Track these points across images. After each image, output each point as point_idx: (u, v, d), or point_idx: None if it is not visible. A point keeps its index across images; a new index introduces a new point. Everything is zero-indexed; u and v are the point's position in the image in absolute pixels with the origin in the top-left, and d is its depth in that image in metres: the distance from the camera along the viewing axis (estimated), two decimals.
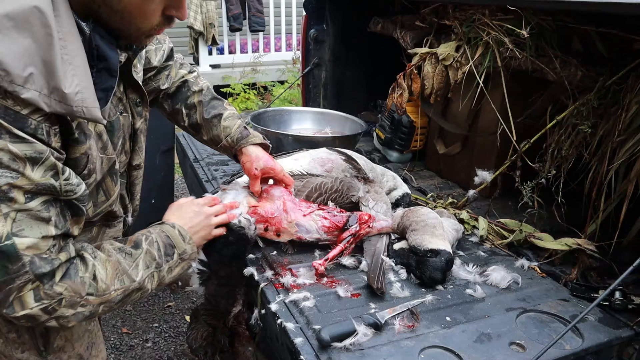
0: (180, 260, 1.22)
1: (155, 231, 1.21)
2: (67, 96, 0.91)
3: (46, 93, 0.88)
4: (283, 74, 6.66)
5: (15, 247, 0.91)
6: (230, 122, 1.57)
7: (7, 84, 0.85)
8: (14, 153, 0.87)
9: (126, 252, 1.12)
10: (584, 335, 1.18)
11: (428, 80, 1.93)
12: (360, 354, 1.09)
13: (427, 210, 1.50)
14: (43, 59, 0.87)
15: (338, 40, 2.74)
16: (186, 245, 1.23)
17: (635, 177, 1.40)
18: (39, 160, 0.91)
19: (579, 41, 1.73)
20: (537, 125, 1.70)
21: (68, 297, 0.99)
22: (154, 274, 1.15)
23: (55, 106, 0.90)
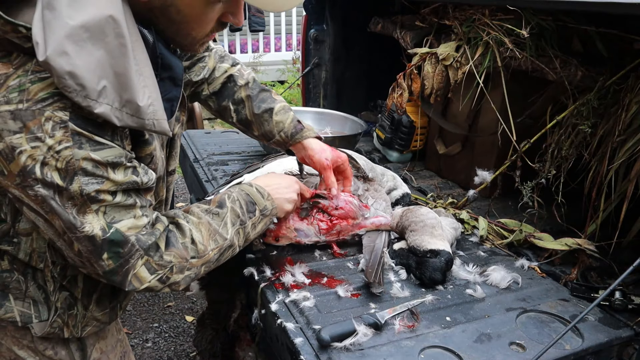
0: (262, 216, 1.24)
1: (236, 190, 1.23)
2: (141, 109, 0.91)
3: (117, 107, 0.88)
4: (283, 74, 6.66)
5: (120, 232, 0.96)
6: (283, 116, 1.51)
7: (82, 98, 0.84)
8: (96, 160, 0.90)
9: (213, 212, 1.15)
10: (584, 335, 1.18)
11: (428, 80, 1.93)
12: (360, 354, 1.09)
13: (426, 210, 1.49)
14: (115, 71, 0.86)
15: (338, 40, 2.74)
16: (266, 202, 1.25)
17: (635, 177, 1.40)
18: (120, 164, 0.94)
19: (579, 41, 1.73)
20: (537, 125, 1.70)
21: (177, 263, 1.04)
22: (240, 231, 1.18)
23: (126, 120, 0.90)
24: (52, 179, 0.88)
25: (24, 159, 0.86)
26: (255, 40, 6.93)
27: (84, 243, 0.94)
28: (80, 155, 0.88)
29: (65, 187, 0.89)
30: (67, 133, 0.86)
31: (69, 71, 0.82)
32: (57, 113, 0.85)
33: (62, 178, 0.89)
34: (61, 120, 0.86)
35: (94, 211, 0.93)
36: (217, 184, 1.91)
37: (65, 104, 0.86)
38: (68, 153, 0.87)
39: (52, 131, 0.85)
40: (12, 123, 0.85)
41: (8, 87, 0.85)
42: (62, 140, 0.86)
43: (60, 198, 0.90)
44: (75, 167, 0.88)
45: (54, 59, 0.81)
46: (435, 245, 1.37)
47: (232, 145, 2.46)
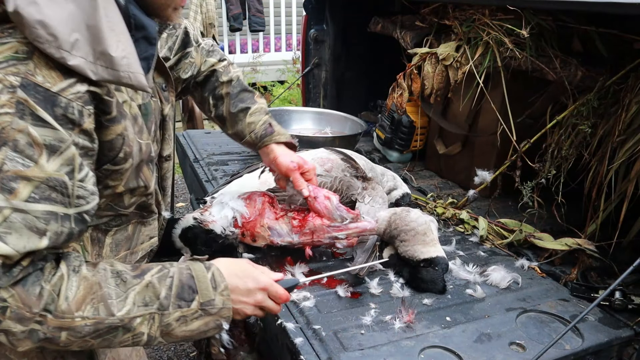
0: (202, 312, 0.94)
1: (178, 266, 0.97)
2: (115, 60, 0.87)
3: (92, 60, 0.85)
4: (283, 74, 6.66)
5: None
6: (256, 117, 1.48)
7: (55, 49, 0.81)
8: (33, 137, 0.80)
9: (122, 278, 0.90)
10: (584, 335, 1.18)
11: (428, 80, 1.93)
12: (360, 353, 1.09)
13: (414, 215, 1.40)
14: (87, 25, 0.84)
15: (338, 40, 2.74)
16: (216, 296, 0.95)
17: (635, 177, 1.40)
18: (57, 149, 0.83)
19: (579, 41, 1.73)
20: (537, 125, 1.70)
21: (14, 306, 0.81)
22: (155, 317, 0.90)
23: (102, 72, 0.86)
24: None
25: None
26: (255, 40, 6.93)
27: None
28: (19, 125, 0.80)
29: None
30: (13, 99, 0.80)
31: (39, 20, 0.79)
32: (8, 77, 0.80)
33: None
34: (10, 84, 0.80)
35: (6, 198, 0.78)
36: (217, 184, 1.91)
37: (19, 69, 0.81)
38: (5, 119, 0.79)
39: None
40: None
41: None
42: (5, 105, 0.79)
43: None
44: (7, 137, 0.79)
45: (23, 8, 0.79)
46: (429, 253, 1.33)
47: (232, 145, 2.46)
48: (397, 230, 1.38)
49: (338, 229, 1.36)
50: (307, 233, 1.38)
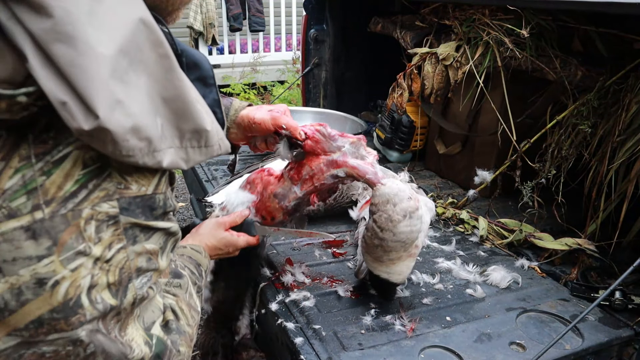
0: (205, 276, 1.05)
1: (177, 255, 1.00)
2: (210, 136, 0.66)
3: (178, 144, 0.63)
4: (283, 74, 6.65)
5: (161, 339, 0.70)
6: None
7: (150, 156, 0.59)
8: (151, 251, 0.66)
9: (174, 285, 0.85)
10: (584, 335, 1.18)
11: (428, 80, 1.93)
12: (360, 353, 1.09)
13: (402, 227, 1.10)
14: (164, 97, 0.60)
15: (338, 40, 2.74)
16: (205, 259, 1.07)
17: (635, 177, 1.40)
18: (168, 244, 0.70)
19: (579, 41, 1.73)
20: (537, 125, 1.70)
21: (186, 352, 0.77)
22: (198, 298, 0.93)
23: (194, 157, 0.66)
24: (102, 304, 0.61)
25: (63, 292, 0.57)
26: (255, 40, 6.93)
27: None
28: (136, 251, 0.63)
29: (119, 304, 0.62)
30: (118, 230, 0.61)
31: (131, 127, 0.55)
32: (100, 207, 0.59)
33: (115, 294, 0.62)
34: (108, 216, 0.60)
35: (134, 319, 0.66)
36: (217, 184, 1.91)
37: (106, 189, 0.59)
38: (121, 257, 0.62)
39: (97, 235, 0.59)
40: (31, 245, 0.56)
41: (3, 191, 0.56)
42: (113, 242, 0.61)
43: (105, 323, 0.62)
44: (131, 271, 0.63)
45: (110, 118, 0.53)
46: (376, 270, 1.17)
47: None
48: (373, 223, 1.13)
49: (335, 164, 1.18)
50: (307, 179, 1.21)
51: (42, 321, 0.58)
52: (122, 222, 0.61)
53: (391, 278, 1.15)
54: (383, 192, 1.12)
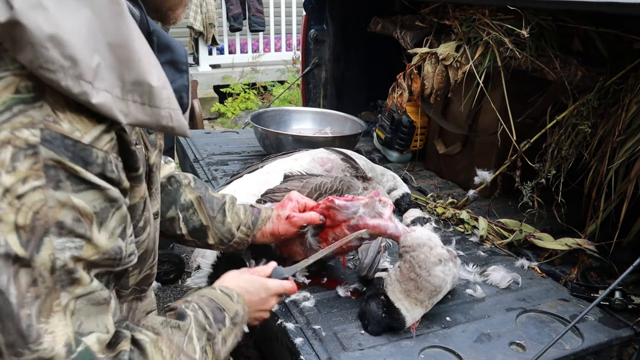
0: (232, 325, 0.90)
1: (195, 296, 0.90)
2: (155, 92, 0.62)
3: (119, 94, 0.59)
4: (283, 74, 6.65)
5: (91, 352, 0.61)
6: (235, 208, 1.22)
7: (73, 81, 0.55)
8: (80, 209, 0.58)
9: (171, 325, 0.79)
10: (584, 335, 1.18)
11: (428, 80, 1.93)
12: (360, 354, 1.09)
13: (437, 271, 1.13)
14: (110, 42, 0.58)
15: (338, 40, 2.74)
16: (236, 305, 0.93)
17: (635, 177, 1.40)
18: (108, 215, 0.62)
19: (579, 41, 1.73)
20: (537, 125, 1.70)
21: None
22: (207, 350, 0.83)
23: (135, 113, 0.61)
24: (5, 248, 0.54)
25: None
26: (255, 40, 6.93)
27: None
28: (58, 199, 0.56)
29: (29, 258, 0.55)
30: (38, 164, 0.55)
31: (51, 34, 0.53)
32: (20, 133, 0.55)
33: (25, 243, 0.55)
34: (27, 143, 0.55)
35: (62, 308, 0.58)
36: (217, 184, 1.91)
37: (32, 117, 0.55)
38: (37, 197, 0.55)
39: (11, 162, 0.54)
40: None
41: None
42: (29, 177, 0.55)
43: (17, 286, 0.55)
44: (48, 221, 0.56)
45: (27, 15, 0.51)
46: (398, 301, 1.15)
47: (232, 145, 2.46)
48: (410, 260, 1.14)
49: (357, 228, 1.21)
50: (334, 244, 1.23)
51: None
52: (43, 155, 0.55)
53: (407, 318, 1.14)
54: (414, 236, 1.16)
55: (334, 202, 1.22)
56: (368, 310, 1.16)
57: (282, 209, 1.23)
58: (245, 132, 2.70)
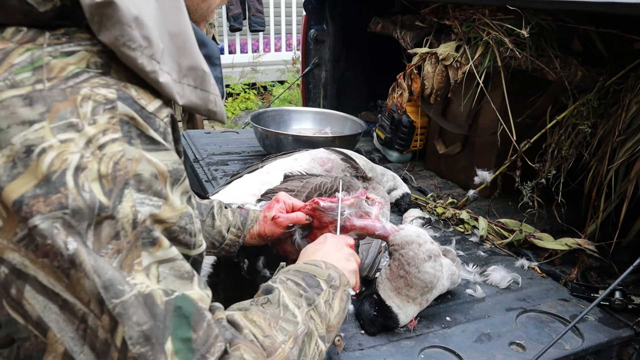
0: (332, 289, 0.87)
1: (280, 274, 0.88)
2: (207, 78, 0.69)
3: (176, 78, 0.65)
4: (283, 74, 6.66)
5: (192, 300, 0.60)
6: (224, 212, 1.24)
7: (147, 59, 0.61)
8: (155, 165, 0.60)
9: (260, 302, 0.77)
10: (584, 335, 1.18)
11: (428, 80, 1.93)
12: (360, 354, 1.09)
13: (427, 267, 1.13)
14: (169, 31, 0.65)
15: (338, 40, 2.74)
16: (327, 270, 0.90)
17: (635, 177, 1.40)
18: (180, 177, 0.64)
19: (579, 41, 1.73)
20: (537, 125, 1.70)
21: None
22: (312, 314, 0.80)
23: (189, 95, 0.67)
24: (90, 195, 0.55)
25: (49, 161, 0.54)
26: (255, 40, 6.93)
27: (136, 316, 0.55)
28: (133, 153, 0.58)
29: (111, 208, 0.56)
30: (115, 119, 0.58)
31: (136, 16, 0.59)
32: (99, 90, 0.59)
33: (107, 193, 0.56)
34: (106, 99, 0.58)
35: (143, 269, 0.57)
36: (217, 184, 1.91)
37: (106, 80, 0.60)
38: (117, 148, 0.57)
39: (92, 116, 0.57)
40: (26, 111, 0.55)
41: (11, 65, 0.58)
42: (107, 130, 0.57)
43: (97, 236, 0.55)
44: (128, 172, 0.57)
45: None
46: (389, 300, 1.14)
47: (232, 145, 2.46)
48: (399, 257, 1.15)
49: (345, 230, 1.20)
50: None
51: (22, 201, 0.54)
52: (120, 110, 0.59)
53: (399, 315, 1.14)
54: (402, 234, 1.15)
55: (319, 204, 1.20)
56: (362, 310, 1.17)
57: (268, 210, 1.22)
58: (245, 132, 2.70)
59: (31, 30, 0.61)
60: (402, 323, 1.15)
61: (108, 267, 0.55)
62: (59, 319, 0.56)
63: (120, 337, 0.55)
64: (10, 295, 0.56)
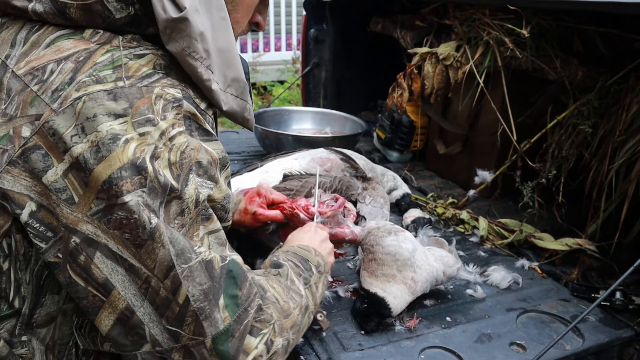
0: (319, 274, 0.99)
1: (280, 253, 0.99)
2: (246, 90, 0.80)
3: (222, 87, 0.76)
4: (283, 74, 6.65)
5: (239, 264, 0.74)
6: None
7: (205, 69, 0.73)
8: (210, 154, 0.73)
9: (272, 273, 0.89)
10: (585, 336, 1.17)
11: (428, 80, 1.93)
12: (360, 354, 1.08)
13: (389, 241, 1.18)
14: (218, 47, 0.75)
15: (338, 40, 2.74)
16: (316, 257, 1.01)
17: (635, 177, 1.40)
18: (226, 163, 0.77)
19: (579, 41, 1.73)
20: (538, 125, 1.70)
21: (277, 319, 0.78)
22: (307, 292, 0.92)
23: (232, 103, 0.78)
24: (164, 179, 0.67)
25: (132, 149, 0.65)
26: (255, 39, 6.93)
27: (199, 278, 0.68)
28: (194, 144, 0.70)
29: (180, 190, 0.68)
30: (180, 115, 0.70)
31: (202, 32, 0.71)
32: (168, 90, 0.70)
33: (176, 177, 0.68)
34: (174, 97, 0.70)
35: (200, 239, 0.71)
36: None
37: (172, 81, 0.71)
38: (182, 140, 0.69)
39: (163, 112, 0.68)
40: (112, 104, 0.65)
41: (95, 63, 0.69)
42: (175, 124, 0.69)
43: (167, 213, 0.68)
44: (191, 160, 0.70)
45: (192, 15, 0.69)
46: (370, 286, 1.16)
47: (232, 145, 2.46)
48: (366, 247, 1.22)
49: None
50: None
51: (111, 181, 0.64)
52: (184, 108, 0.70)
53: (386, 298, 1.13)
54: (365, 229, 1.25)
55: (299, 216, 1.22)
56: (355, 310, 1.19)
57: (250, 203, 1.24)
58: (245, 132, 2.70)
59: (106, 32, 0.72)
60: (392, 306, 1.13)
61: (181, 238, 0.68)
62: (124, 279, 0.67)
63: (184, 295, 0.68)
64: (77, 261, 0.67)
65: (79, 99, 0.65)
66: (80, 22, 0.72)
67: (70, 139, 0.64)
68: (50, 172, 0.65)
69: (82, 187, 0.65)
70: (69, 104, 0.65)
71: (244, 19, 0.89)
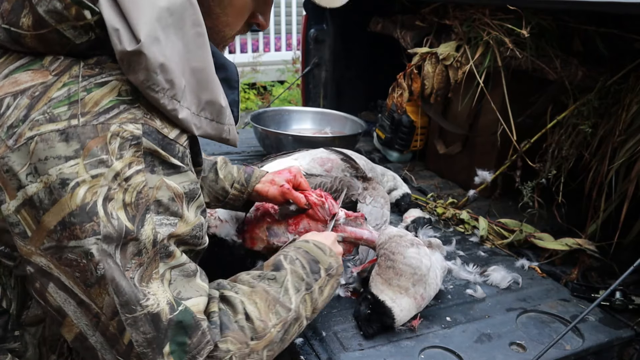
0: (328, 277, 0.97)
1: (292, 248, 0.98)
2: (223, 112, 0.76)
3: (195, 111, 0.73)
4: (283, 74, 6.65)
5: (191, 312, 0.71)
6: (228, 167, 1.31)
7: (168, 100, 0.69)
8: (173, 189, 0.70)
9: (268, 277, 0.88)
10: (585, 336, 1.17)
11: (428, 80, 1.93)
12: (360, 354, 1.08)
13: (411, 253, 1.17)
14: (192, 67, 0.72)
15: (338, 40, 2.74)
16: (329, 258, 0.99)
17: (635, 177, 1.40)
18: (195, 195, 0.74)
19: (579, 41, 1.73)
20: (538, 125, 1.70)
21: (236, 351, 0.76)
22: (306, 298, 0.91)
23: (205, 127, 0.75)
24: (118, 222, 0.65)
25: (82, 195, 0.64)
26: (255, 39, 6.93)
27: (143, 328, 0.67)
28: (154, 181, 0.68)
29: (135, 232, 0.66)
30: (139, 152, 0.67)
31: (161, 63, 0.67)
32: (126, 126, 0.66)
33: (131, 218, 0.66)
34: (132, 135, 0.66)
35: (160, 276, 0.69)
36: None
37: (134, 114, 0.68)
38: (140, 179, 0.67)
39: (119, 151, 0.66)
40: (62, 146, 0.64)
41: (50, 99, 0.66)
42: (132, 163, 0.66)
43: (123, 254, 0.66)
44: (148, 200, 0.67)
45: (149, 47, 0.65)
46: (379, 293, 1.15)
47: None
48: (384, 252, 1.20)
49: (335, 230, 1.27)
50: (302, 232, 1.30)
51: (64, 224, 0.64)
52: (144, 145, 0.67)
53: (394, 309, 1.12)
54: (386, 233, 1.23)
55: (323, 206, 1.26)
56: (357, 312, 1.17)
57: (278, 175, 1.29)
58: (245, 132, 2.70)
59: (67, 59, 0.70)
60: (397, 318, 1.13)
61: (127, 289, 0.66)
62: (76, 310, 0.68)
63: (128, 338, 0.68)
64: (34, 287, 0.69)
65: (32, 138, 0.64)
66: (39, 49, 0.70)
67: (25, 177, 0.64)
68: (3, 207, 0.66)
69: (35, 224, 0.65)
70: (23, 143, 0.64)
71: (236, 21, 0.87)
